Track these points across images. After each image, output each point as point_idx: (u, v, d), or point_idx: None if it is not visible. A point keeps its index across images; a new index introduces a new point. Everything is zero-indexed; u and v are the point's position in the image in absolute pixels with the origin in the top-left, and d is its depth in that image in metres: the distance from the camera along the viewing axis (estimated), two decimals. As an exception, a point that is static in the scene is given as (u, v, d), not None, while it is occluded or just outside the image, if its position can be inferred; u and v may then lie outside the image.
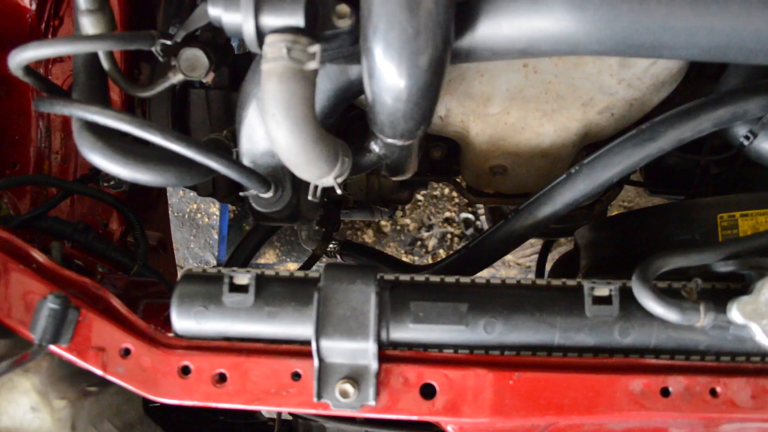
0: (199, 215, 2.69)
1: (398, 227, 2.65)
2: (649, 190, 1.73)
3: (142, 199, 1.42)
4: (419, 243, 2.73)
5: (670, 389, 0.86)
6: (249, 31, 0.74)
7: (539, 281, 0.92)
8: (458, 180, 1.33)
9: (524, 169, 1.13)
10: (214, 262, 2.84)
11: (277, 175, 0.96)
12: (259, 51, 0.75)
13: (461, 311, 0.87)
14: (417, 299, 0.88)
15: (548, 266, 1.90)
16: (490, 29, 0.77)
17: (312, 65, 0.74)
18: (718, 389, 0.86)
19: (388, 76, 0.74)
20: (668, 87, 1.05)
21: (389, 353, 0.89)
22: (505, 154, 1.09)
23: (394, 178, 1.12)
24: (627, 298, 0.87)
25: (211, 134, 1.03)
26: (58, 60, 1.31)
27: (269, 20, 0.73)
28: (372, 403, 0.86)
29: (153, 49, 0.96)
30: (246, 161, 0.98)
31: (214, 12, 0.75)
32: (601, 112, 1.03)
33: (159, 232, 1.46)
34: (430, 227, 2.68)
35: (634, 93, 1.01)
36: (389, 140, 0.89)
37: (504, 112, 1.02)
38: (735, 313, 0.82)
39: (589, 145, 1.13)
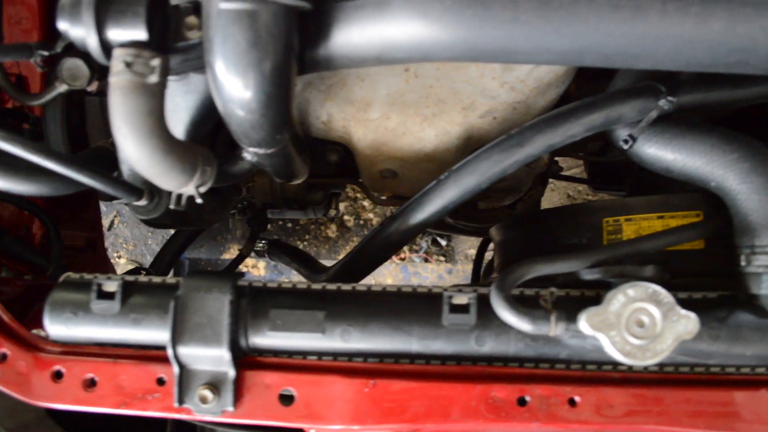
0: (157, 212, 2.72)
1: (361, 222, 2.66)
2: (592, 186, 1.70)
3: (68, 201, 1.45)
4: (382, 238, 2.72)
5: (527, 398, 0.86)
6: (93, 45, 0.75)
7: (405, 288, 0.91)
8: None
9: (414, 173, 1.12)
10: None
11: (152, 183, 0.97)
12: (107, 64, 0.76)
13: (318, 319, 0.87)
14: (277, 307, 0.89)
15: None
16: (342, 37, 0.77)
17: (153, 78, 0.75)
18: (577, 399, 0.85)
19: (230, 89, 0.74)
20: (554, 89, 1.02)
21: (252, 360, 0.90)
22: (389, 158, 1.08)
23: (289, 183, 1.12)
24: (488, 307, 0.86)
25: (98, 142, 1.04)
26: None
27: (113, 34, 0.74)
28: (231, 408, 0.88)
29: (32, 60, 0.98)
30: (125, 169, 1.00)
31: (63, 26, 0.76)
32: (482, 115, 1.01)
33: (89, 232, 1.49)
34: (392, 222, 2.67)
35: (517, 96, 0.99)
36: (251, 149, 0.89)
37: (384, 117, 1.01)
38: (583, 323, 0.81)
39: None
